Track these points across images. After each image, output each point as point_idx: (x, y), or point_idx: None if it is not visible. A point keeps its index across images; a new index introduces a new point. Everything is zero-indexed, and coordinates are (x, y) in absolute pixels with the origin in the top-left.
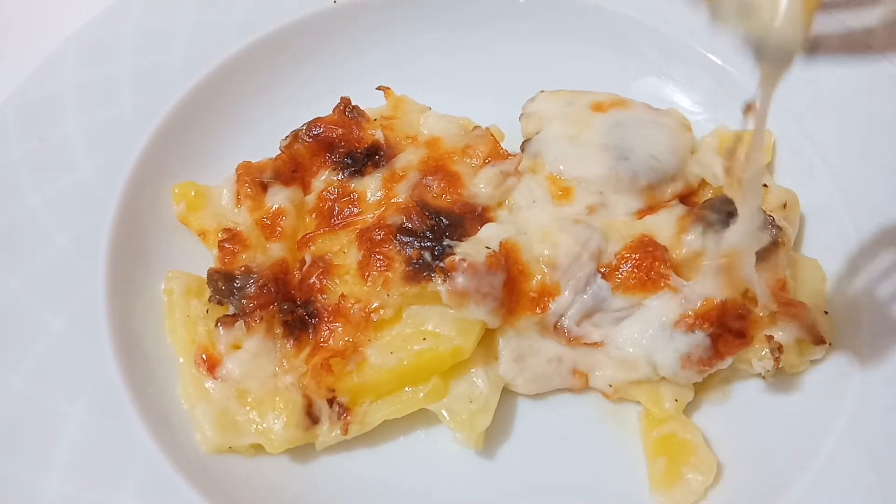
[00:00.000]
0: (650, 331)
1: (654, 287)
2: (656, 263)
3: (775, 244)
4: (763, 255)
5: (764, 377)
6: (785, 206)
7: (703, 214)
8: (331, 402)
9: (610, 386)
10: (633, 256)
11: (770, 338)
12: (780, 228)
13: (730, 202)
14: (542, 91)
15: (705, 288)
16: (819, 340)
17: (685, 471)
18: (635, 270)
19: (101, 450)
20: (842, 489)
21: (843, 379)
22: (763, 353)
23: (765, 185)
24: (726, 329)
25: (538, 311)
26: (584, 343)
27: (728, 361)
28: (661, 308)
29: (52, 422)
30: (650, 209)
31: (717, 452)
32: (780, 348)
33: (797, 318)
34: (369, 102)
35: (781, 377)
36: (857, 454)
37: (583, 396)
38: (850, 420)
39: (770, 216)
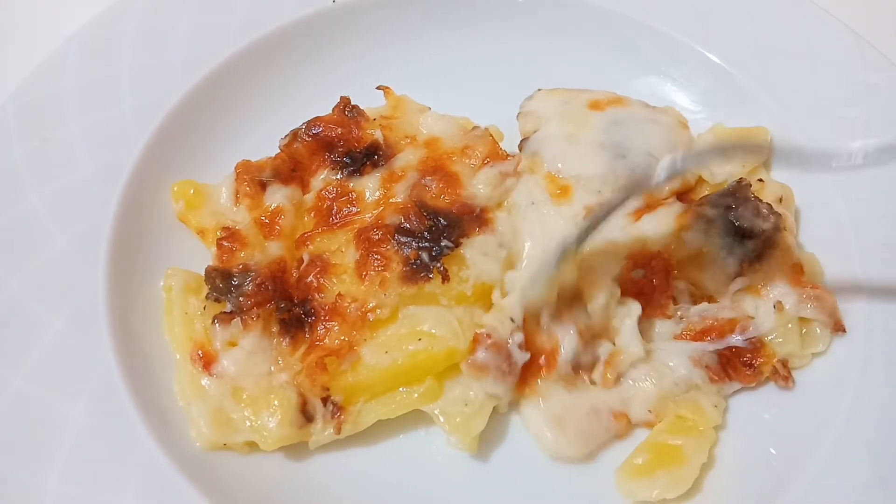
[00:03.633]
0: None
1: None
2: (656, 294)
3: (777, 229)
4: (769, 242)
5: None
6: (780, 200)
7: (701, 211)
8: (325, 400)
9: (649, 412)
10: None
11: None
12: (778, 214)
13: (728, 196)
14: (540, 90)
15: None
16: (839, 327)
17: (659, 474)
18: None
19: (101, 447)
20: (841, 487)
21: (842, 376)
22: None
23: (760, 180)
24: (735, 354)
25: (545, 371)
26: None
27: (735, 385)
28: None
29: (52, 420)
30: (648, 207)
31: (716, 449)
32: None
33: (819, 302)
34: (369, 102)
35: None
36: (857, 452)
37: None
38: (849, 418)
39: (767, 204)
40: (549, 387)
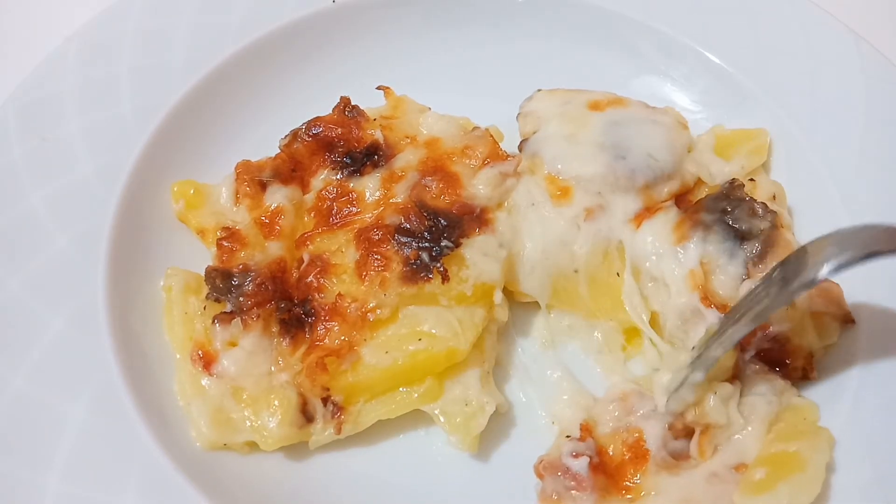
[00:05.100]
0: None
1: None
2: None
3: (774, 227)
4: (769, 241)
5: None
6: (774, 197)
7: (698, 219)
8: (325, 400)
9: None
10: None
11: None
12: (774, 212)
13: (722, 199)
14: (540, 90)
15: None
16: (847, 318)
17: (780, 486)
18: None
19: (101, 447)
20: (841, 487)
21: (841, 376)
22: None
23: (752, 180)
24: (763, 356)
25: (640, 465)
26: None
27: None
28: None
29: (52, 419)
30: (647, 210)
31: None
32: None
33: (827, 294)
34: (369, 102)
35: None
36: (857, 452)
37: None
38: (849, 418)
39: (762, 203)
40: (655, 481)
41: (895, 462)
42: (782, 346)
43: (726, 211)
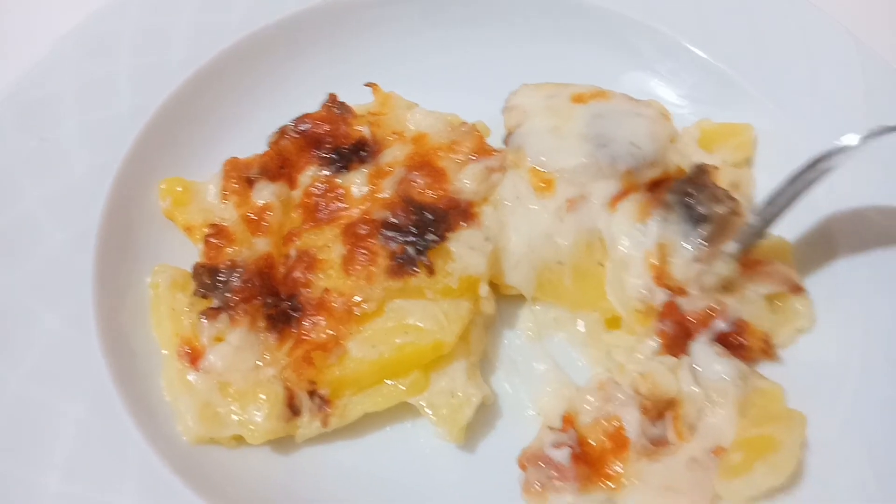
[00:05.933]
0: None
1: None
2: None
3: (734, 213)
4: (723, 226)
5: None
6: (737, 187)
7: (662, 198)
8: (312, 394)
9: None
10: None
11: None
12: (735, 200)
13: (687, 182)
14: (525, 84)
15: None
16: (795, 289)
17: (757, 466)
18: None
19: (92, 444)
20: (841, 487)
21: (841, 375)
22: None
23: (716, 167)
24: (722, 338)
25: (621, 454)
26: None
27: None
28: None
29: (45, 418)
30: (625, 192)
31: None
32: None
33: (768, 274)
34: (358, 99)
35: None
36: (857, 451)
37: None
38: (849, 418)
39: (724, 189)
40: (637, 468)
41: (894, 461)
42: (740, 329)
43: (689, 193)
